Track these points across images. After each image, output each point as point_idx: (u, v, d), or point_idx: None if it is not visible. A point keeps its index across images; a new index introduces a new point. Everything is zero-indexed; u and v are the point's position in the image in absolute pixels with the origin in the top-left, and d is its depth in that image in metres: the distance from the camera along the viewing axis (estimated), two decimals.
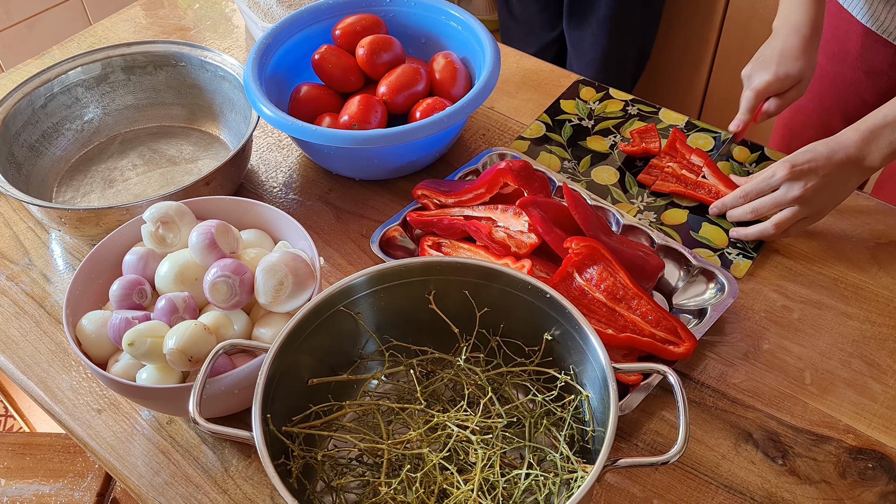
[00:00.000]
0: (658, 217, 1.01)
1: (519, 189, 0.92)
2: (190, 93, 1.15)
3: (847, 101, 1.19)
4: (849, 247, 0.97)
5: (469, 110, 0.97)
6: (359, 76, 1.09)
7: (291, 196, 1.06)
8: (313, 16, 1.12)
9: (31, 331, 0.92)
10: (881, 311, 0.90)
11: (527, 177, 0.91)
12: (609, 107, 1.16)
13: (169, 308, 0.77)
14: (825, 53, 1.18)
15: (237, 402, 0.78)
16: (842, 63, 1.17)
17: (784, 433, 0.80)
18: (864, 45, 1.12)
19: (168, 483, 0.79)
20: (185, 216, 0.84)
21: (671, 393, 0.83)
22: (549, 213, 0.88)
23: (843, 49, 1.15)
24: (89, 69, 1.11)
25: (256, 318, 0.81)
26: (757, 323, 0.89)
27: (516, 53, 1.27)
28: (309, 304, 0.71)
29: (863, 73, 1.15)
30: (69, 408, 0.85)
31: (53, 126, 1.10)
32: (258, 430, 0.63)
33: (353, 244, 1.00)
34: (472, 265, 0.73)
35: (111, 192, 1.07)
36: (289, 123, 0.96)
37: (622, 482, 0.77)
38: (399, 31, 1.14)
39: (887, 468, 0.77)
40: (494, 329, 0.77)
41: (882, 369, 0.85)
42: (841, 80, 1.18)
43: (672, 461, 0.62)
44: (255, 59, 1.04)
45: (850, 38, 1.14)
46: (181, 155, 1.13)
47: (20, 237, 1.03)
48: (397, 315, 0.77)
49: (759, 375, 0.85)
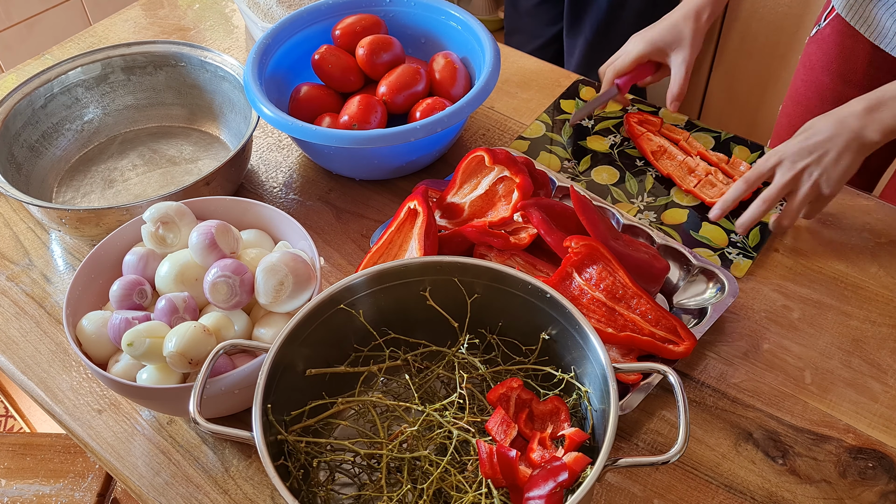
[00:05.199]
0: (658, 217, 1.01)
1: None
2: (190, 93, 1.15)
3: None
4: (849, 246, 0.97)
5: (469, 110, 0.97)
6: (359, 76, 1.09)
7: (291, 196, 1.06)
8: (313, 16, 1.12)
9: (32, 331, 0.92)
10: (881, 311, 0.90)
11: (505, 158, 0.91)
12: (609, 107, 1.16)
13: (169, 308, 0.77)
14: (829, 73, 1.15)
15: (237, 403, 0.78)
16: (847, 83, 1.14)
17: (784, 433, 0.80)
18: (872, 62, 1.10)
19: (168, 483, 0.79)
20: (185, 216, 0.84)
21: (671, 392, 0.83)
22: (550, 213, 0.88)
23: (849, 68, 1.13)
24: (89, 69, 1.11)
25: (257, 318, 0.81)
26: (757, 322, 0.89)
27: (516, 53, 1.27)
28: (309, 304, 0.71)
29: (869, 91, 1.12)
30: (69, 408, 0.85)
31: (53, 126, 1.10)
32: (258, 431, 0.63)
33: (353, 244, 1.00)
34: (472, 265, 0.73)
35: (111, 193, 1.07)
36: (289, 123, 0.96)
37: (622, 482, 0.77)
38: (399, 31, 1.14)
39: (887, 468, 0.77)
40: (492, 328, 0.77)
41: (882, 369, 0.85)
42: (845, 100, 1.11)
43: (672, 461, 0.62)
44: (255, 60, 1.04)
45: (857, 56, 1.11)
46: (181, 155, 1.13)
47: (20, 237, 1.03)
48: (397, 315, 0.77)
49: (760, 375, 0.85)
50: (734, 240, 0.97)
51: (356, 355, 0.77)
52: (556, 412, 0.72)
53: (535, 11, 1.85)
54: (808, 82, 1.20)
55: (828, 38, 1.15)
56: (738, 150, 1.09)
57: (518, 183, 0.88)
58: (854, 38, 1.10)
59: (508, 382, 0.72)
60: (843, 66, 1.13)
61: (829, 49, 1.15)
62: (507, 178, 0.91)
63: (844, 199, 1.02)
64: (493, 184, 0.92)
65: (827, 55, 1.15)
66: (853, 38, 1.10)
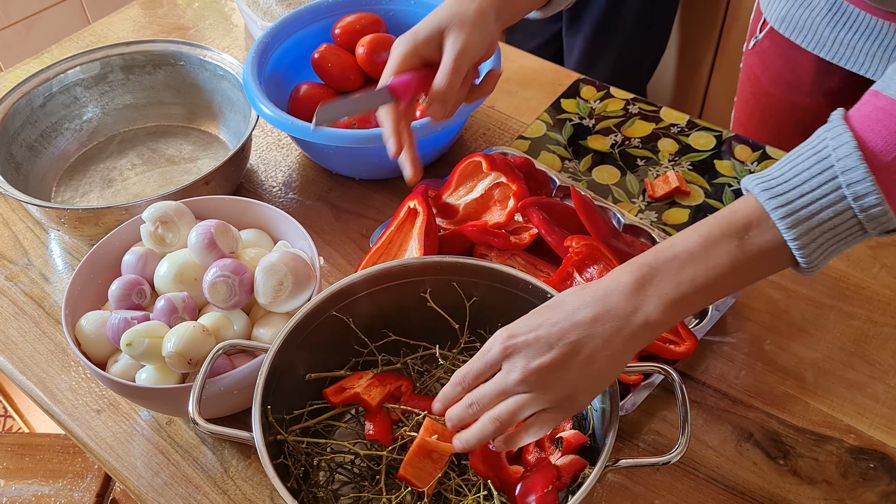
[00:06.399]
0: (659, 217, 1.00)
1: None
2: (189, 92, 1.15)
3: (808, 129, 1.10)
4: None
5: (469, 110, 0.96)
6: (358, 75, 1.09)
7: (291, 196, 1.06)
8: (313, 15, 1.12)
9: (30, 331, 0.92)
10: (883, 311, 0.90)
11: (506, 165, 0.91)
12: (610, 106, 1.16)
13: (168, 308, 0.77)
14: (777, 84, 1.11)
15: (237, 403, 0.78)
16: (797, 91, 1.09)
17: (785, 433, 0.80)
18: (818, 69, 1.05)
19: (167, 483, 0.78)
20: (185, 216, 0.84)
21: (672, 393, 0.82)
22: (551, 213, 0.88)
23: (795, 77, 1.08)
24: (88, 68, 1.11)
25: (256, 318, 0.81)
26: (759, 322, 0.89)
27: (517, 52, 1.27)
28: (308, 304, 0.71)
29: (821, 96, 1.08)
30: (68, 408, 0.85)
31: (52, 125, 1.10)
32: (258, 431, 0.62)
33: (353, 244, 0.99)
34: (472, 265, 0.73)
35: (110, 192, 1.07)
36: (288, 123, 0.95)
37: (623, 482, 0.77)
38: (399, 29, 1.14)
39: (889, 468, 0.77)
40: (492, 328, 0.77)
41: (884, 369, 0.85)
42: (798, 108, 1.10)
43: (673, 461, 0.62)
44: (254, 58, 1.03)
45: (802, 66, 1.06)
46: (180, 154, 1.12)
47: (19, 237, 1.03)
48: (397, 315, 0.76)
49: (761, 375, 0.84)
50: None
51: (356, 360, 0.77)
52: None
53: None
54: (756, 95, 1.17)
55: (768, 49, 1.10)
56: (740, 149, 1.08)
57: (515, 191, 0.88)
58: (794, 49, 1.06)
59: None
60: (790, 76, 1.09)
61: (771, 61, 1.11)
62: (503, 184, 0.91)
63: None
64: (489, 188, 0.92)
65: (770, 67, 1.11)
66: (793, 49, 1.06)
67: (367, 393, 0.71)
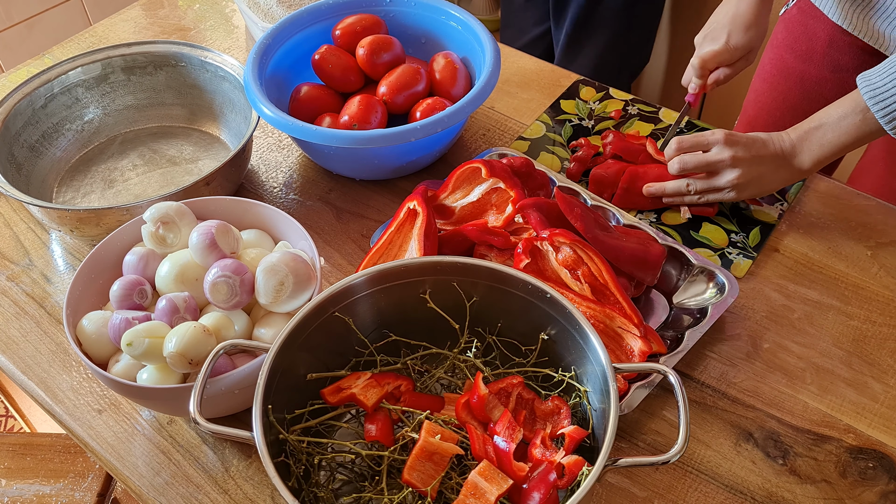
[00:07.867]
0: (658, 217, 1.01)
1: None
2: (190, 93, 1.15)
3: (812, 100, 1.18)
4: (849, 246, 0.97)
5: (469, 110, 0.97)
6: (359, 76, 1.09)
7: (291, 196, 1.06)
8: (313, 16, 1.12)
9: (32, 331, 0.92)
10: (882, 311, 0.90)
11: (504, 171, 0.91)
12: (609, 106, 1.16)
13: (169, 308, 0.77)
14: (792, 52, 1.18)
15: (238, 403, 0.78)
16: (808, 61, 1.16)
17: (784, 433, 0.80)
18: (832, 42, 1.12)
19: (169, 483, 0.79)
20: (186, 216, 0.84)
21: (671, 392, 0.83)
22: (548, 214, 0.88)
23: (810, 47, 1.15)
24: (89, 69, 1.11)
25: (257, 318, 0.81)
26: (757, 322, 0.89)
27: (517, 53, 1.27)
28: (309, 304, 0.71)
29: (829, 71, 1.15)
30: (70, 408, 0.85)
31: (53, 126, 1.10)
32: (258, 431, 0.63)
33: (353, 244, 1.00)
34: (472, 265, 0.73)
35: (111, 193, 1.07)
36: (289, 123, 0.96)
37: (623, 482, 0.77)
38: (399, 31, 1.14)
39: (888, 468, 0.77)
40: (492, 328, 0.77)
41: (882, 369, 0.85)
42: (807, 78, 1.18)
43: (672, 461, 0.62)
44: (255, 60, 1.04)
45: (818, 36, 1.14)
46: (181, 155, 1.13)
47: (20, 237, 1.03)
48: (397, 315, 0.77)
49: (760, 375, 0.85)
50: (734, 240, 0.97)
51: (356, 360, 0.77)
52: (556, 411, 0.72)
53: (526, 6, 1.88)
54: (773, 60, 1.23)
55: (794, 18, 1.17)
56: None
57: (513, 198, 0.89)
58: (817, 19, 1.13)
59: (509, 379, 0.72)
60: (805, 45, 1.16)
61: (793, 28, 1.17)
62: (500, 189, 0.91)
63: (844, 199, 1.02)
64: (486, 193, 0.92)
65: (791, 34, 1.18)
66: (816, 19, 1.13)
67: (364, 393, 0.72)
